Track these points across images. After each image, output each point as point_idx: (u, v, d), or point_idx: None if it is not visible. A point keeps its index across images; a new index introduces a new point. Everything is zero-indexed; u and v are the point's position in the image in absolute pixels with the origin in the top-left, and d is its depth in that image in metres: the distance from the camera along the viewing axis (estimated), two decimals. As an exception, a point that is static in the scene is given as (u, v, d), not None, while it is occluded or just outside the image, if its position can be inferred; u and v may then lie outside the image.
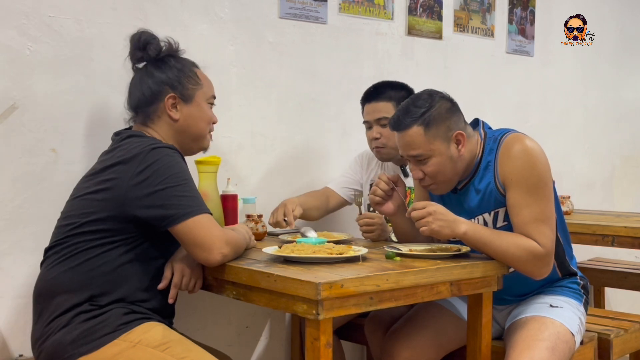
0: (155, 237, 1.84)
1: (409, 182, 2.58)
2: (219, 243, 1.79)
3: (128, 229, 1.80)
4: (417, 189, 2.23)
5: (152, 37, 2.01)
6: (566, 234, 2.21)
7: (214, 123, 2.07)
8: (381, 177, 2.17)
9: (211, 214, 1.84)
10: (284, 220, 2.43)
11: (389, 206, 2.17)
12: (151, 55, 1.99)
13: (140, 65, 2.03)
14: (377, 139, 2.50)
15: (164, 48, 2.01)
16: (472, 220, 2.09)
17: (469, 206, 2.10)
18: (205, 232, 1.78)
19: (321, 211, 2.71)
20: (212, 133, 2.08)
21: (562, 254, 2.18)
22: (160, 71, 1.98)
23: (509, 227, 2.04)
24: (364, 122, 2.57)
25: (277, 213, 2.47)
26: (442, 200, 2.16)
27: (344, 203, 2.74)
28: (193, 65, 2.05)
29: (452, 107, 2.06)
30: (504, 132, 2.08)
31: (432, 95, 2.05)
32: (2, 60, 2.09)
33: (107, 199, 1.79)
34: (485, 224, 2.08)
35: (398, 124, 2.04)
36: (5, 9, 2.09)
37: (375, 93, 2.53)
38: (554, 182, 2.08)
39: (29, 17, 2.13)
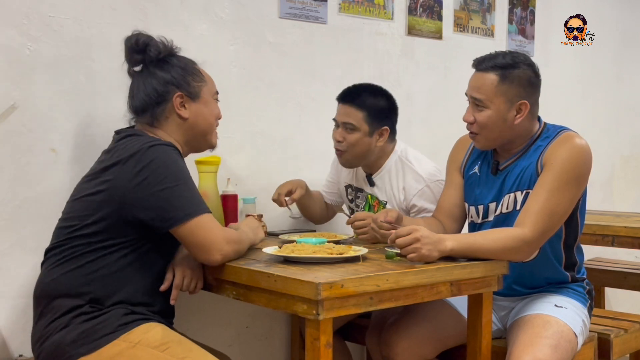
0: (155, 239, 1.84)
1: (374, 191, 2.51)
2: (220, 244, 1.80)
3: (128, 231, 1.80)
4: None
5: (150, 38, 1.97)
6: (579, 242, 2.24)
7: (219, 119, 2.05)
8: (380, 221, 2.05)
9: (210, 212, 1.83)
10: (285, 199, 2.45)
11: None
12: (152, 56, 1.95)
13: (138, 67, 1.98)
14: (339, 142, 2.42)
15: (162, 48, 1.98)
16: (504, 197, 2.12)
17: (507, 184, 2.13)
18: (206, 233, 1.78)
19: (322, 211, 2.69)
20: (217, 130, 2.06)
21: (575, 262, 2.22)
22: (163, 71, 1.94)
23: None
24: (333, 119, 2.47)
25: (281, 188, 2.48)
26: (479, 179, 2.20)
27: (335, 208, 2.73)
28: (193, 62, 2.03)
29: (535, 80, 2.10)
30: (565, 128, 2.14)
31: (525, 60, 2.10)
32: (2, 60, 2.09)
33: (106, 201, 1.79)
34: (515, 202, 2.10)
35: (480, 63, 2.11)
36: (5, 9, 2.09)
37: (351, 96, 2.42)
38: (586, 192, 2.13)
39: (29, 17, 2.13)
